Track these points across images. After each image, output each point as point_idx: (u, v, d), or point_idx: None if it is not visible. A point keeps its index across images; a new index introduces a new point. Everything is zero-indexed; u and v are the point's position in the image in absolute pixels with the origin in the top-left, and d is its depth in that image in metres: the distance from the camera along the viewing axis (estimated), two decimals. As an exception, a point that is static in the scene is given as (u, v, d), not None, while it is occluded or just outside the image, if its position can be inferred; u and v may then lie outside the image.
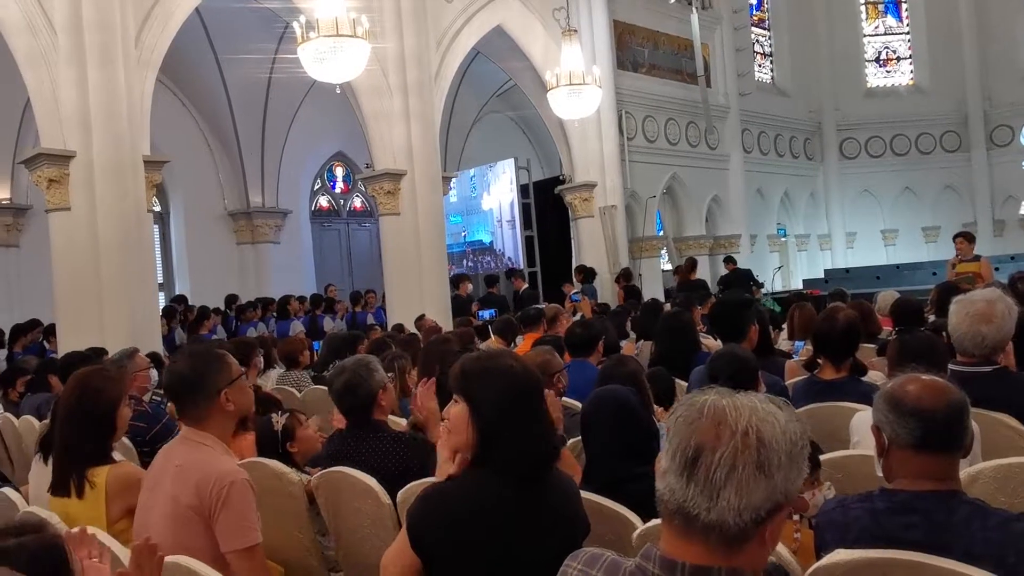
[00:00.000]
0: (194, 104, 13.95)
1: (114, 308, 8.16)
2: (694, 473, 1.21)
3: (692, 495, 1.21)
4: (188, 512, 2.37)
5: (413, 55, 11.00)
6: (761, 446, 1.20)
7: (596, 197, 13.74)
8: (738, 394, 1.27)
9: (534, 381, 2.07)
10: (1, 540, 1.43)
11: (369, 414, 3.26)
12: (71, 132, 8.13)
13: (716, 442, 1.20)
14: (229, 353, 2.69)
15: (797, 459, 1.23)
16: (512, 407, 1.99)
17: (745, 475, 1.19)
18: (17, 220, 12.03)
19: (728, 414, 1.22)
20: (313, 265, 15.54)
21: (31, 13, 7.99)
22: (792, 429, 1.24)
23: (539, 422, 2.02)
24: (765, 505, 1.21)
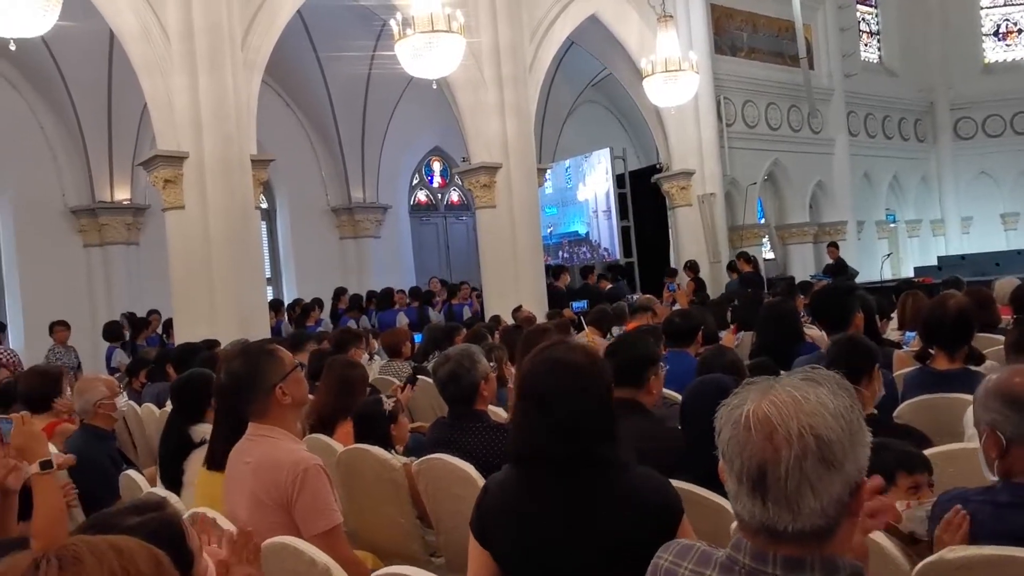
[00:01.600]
0: (297, 103, 14.40)
1: (225, 301, 8.53)
2: (766, 491, 1.16)
3: (772, 512, 1.17)
4: (269, 504, 2.46)
5: (508, 48, 11.05)
6: (820, 444, 1.15)
7: (694, 185, 13.50)
8: (772, 387, 1.20)
9: (568, 377, 2.02)
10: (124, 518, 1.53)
11: (471, 404, 3.31)
12: (184, 134, 8.53)
13: (776, 455, 1.15)
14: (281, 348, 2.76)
15: (858, 432, 1.18)
16: (522, 399, 2.02)
17: (816, 477, 1.15)
18: (137, 219, 12.72)
19: (776, 422, 1.16)
20: (412, 259, 15.83)
21: (147, 22, 8.42)
22: (842, 406, 1.18)
23: (567, 415, 1.96)
24: (845, 491, 1.17)
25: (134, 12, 8.37)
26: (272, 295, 13.21)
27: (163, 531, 1.47)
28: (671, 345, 4.71)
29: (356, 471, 3.36)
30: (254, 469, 2.51)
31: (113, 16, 8.41)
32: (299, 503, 2.45)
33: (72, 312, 10.45)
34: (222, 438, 2.82)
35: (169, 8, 8.47)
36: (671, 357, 4.44)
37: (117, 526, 1.47)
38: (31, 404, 4.69)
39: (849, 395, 1.21)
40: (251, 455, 2.55)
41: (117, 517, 1.53)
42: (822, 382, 1.21)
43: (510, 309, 9.70)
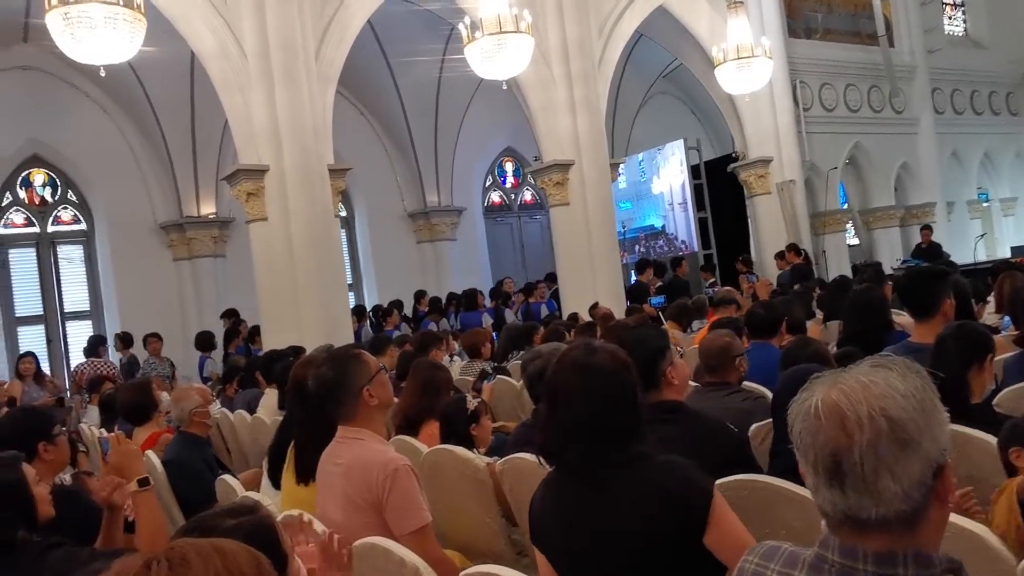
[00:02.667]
0: (370, 111, 14.66)
1: (310, 308, 8.75)
2: (843, 479, 1.15)
3: (853, 501, 1.15)
4: (362, 504, 2.52)
5: (576, 44, 11.01)
6: (893, 424, 1.13)
7: (772, 173, 13.20)
8: (840, 377, 1.19)
9: (586, 378, 2.03)
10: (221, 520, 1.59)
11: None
12: (264, 148, 8.79)
13: (849, 441, 1.14)
14: (365, 352, 2.83)
15: (932, 411, 1.16)
16: (551, 399, 2.07)
17: (893, 459, 1.12)
18: (223, 232, 13.16)
19: (845, 408, 1.14)
20: (488, 259, 15.93)
21: (224, 41, 8.70)
22: (912, 386, 1.16)
23: (578, 417, 1.99)
24: (927, 472, 1.14)
25: (212, 32, 8.66)
26: (354, 301, 13.48)
27: (258, 533, 1.52)
28: (754, 337, 4.62)
29: (441, 471, 3.40)
30: (346, 470, 2.58)
31: (193, 38, 8.72)
32: (390, 503, 2.50)
33: (165, 324, 10.89)
34: (313, 447, 2.89)
35: (245, 26, 8.74)
36: (754, 349, 4.36)
37: (215, 528, 1.53)
38: (130, 417, 4.92)
39: (920, 376, 1.18)
40: (342, 457, 2.62)
41: (215, 520, 1.59)
42: (891, 366, 1.19)
43: (587, 306, 9.66)
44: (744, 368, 3.57)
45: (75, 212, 12.87)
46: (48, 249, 12.57)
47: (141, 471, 2.73)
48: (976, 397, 2.70)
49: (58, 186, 12.72)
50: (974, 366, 2.69)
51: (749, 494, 2.34)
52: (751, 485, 2.34)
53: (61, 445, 3.29)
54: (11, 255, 12.28)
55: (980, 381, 2.71)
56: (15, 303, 12.18)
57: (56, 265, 12.63)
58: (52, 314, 12.42)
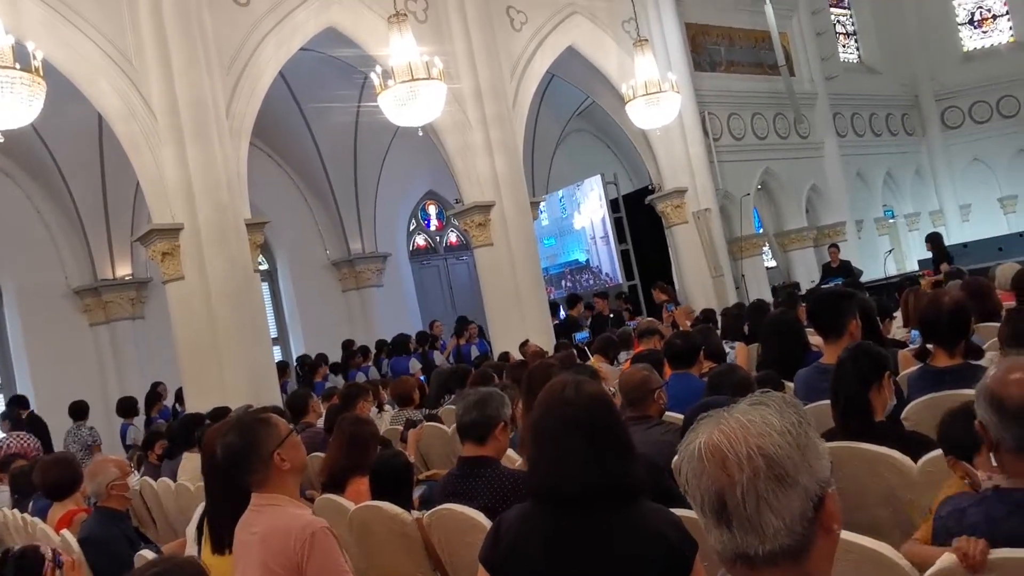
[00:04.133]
0: (287, 162, 14.55)
1: (233, 367, 8.56)
2: (729, 518, 1.18)
3: (740, 539, 1.17)
4: (281, 572, 2.45)
5: (489, 88, 11.17)
6: (770, 462, 1.16)
7: (688, 202, 13.55)
8: (722, 417, 1.22)
9: (577, 412, 2.05)
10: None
11: (485, 439, 3.20)
12: (177, 206, 8.62)
13: (731, 481, 1.17)
14: (274, 415, 2.77)
15: (807, 446, 1.19)
16: (542, 435, 2.08)
17: (772, 495, 1.15)
18: (140, 293, 12.79)
19: (726, 449, 1.18)
20: (417, 303, 15.86)
21: (131, 101, 8.55)
22: (788, 423, 1.19)
23: (573, 451, 2.00)
24: (808, 505, 1.17)
25: (118, 93, 8.51)
26: (281, 354, 13.22)
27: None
28: (675, 367, 4.71)
29: (369, 528, 3.35)
30: (262, 538, 2.51)
31: (98, 99, 8.55)
32: (310, 567, 2.44)
33: (84, 391, 10.47)
34: (226, 516, 2.80)
35: (152, 85, 8.61)
36: (675, 380, 4.44)
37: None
38: (50, 494, 4.71)
39: (796, 411, 1.22)
40: (257, 525, 2.55)
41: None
42: (768, 403, 1.22)
43: (517, 344, 9.70)
44: (664, 400, 3.63)
45: (-19, 282, 12.36)
46: (-47, 322, 12.03)
47: None
48: (879, 415, 2.79)
49: (-38, 256, 12.22)
50: (873, 385, 2.79)
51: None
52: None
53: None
54: (-87, 330, 11.71)
55: (881, 399, 2.81)
56: (-81, 380, 11.59)
57: (-38, 338, 12.07)
58: (-39, 389, 11.85)
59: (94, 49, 8.42)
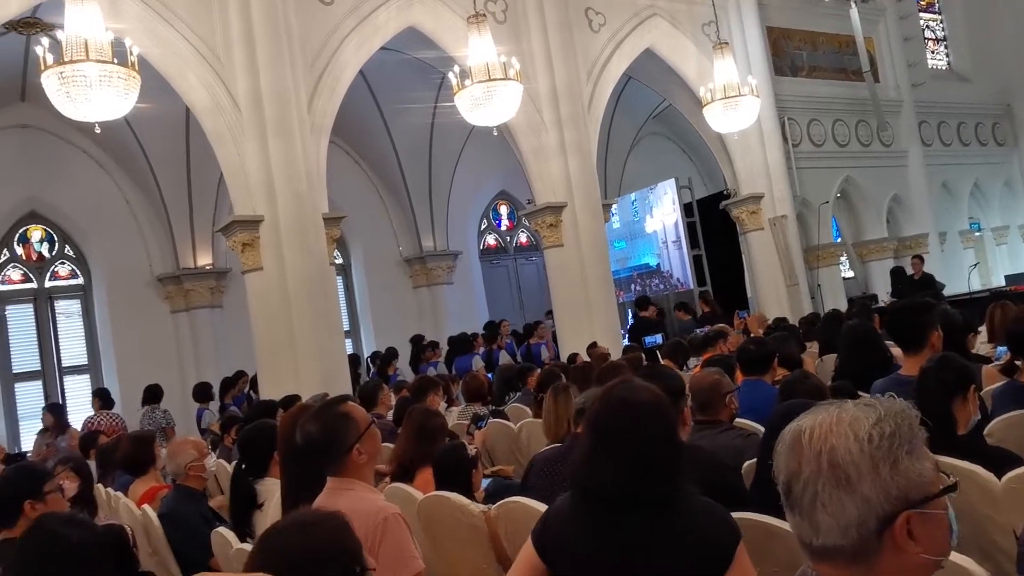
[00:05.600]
0: (364, 159, 14.81)
1: (307, 357, 8.76)
2: (792, 503, 1.22)
3: (799, 524, 1.22)
4: None
5: (565, 89, 11.18)
6: (833, 465, 1.17)
7: (764, 209, 13.31)
8: (826, 409, 1.24)
9: (627, 415, 2.09)
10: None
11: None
12: (259, 199, 8.87)
13: (798, 470, 1.21)
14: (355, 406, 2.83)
15: (882, 461, 1.17)
16: (591, 434, 2.14)
17: (827, 496, 1.17)
18: (219, 283, 13.19)
19: (804, 439, 1.21)
20: (485, 302, 15.96)
21: (218, 95, 8.83)
22: (877, 432, 1.18)
23: (616, 455, 2.04)
24: (869, 517, 1.16)
25: (205, 87, 8.80)
26: (352, 348, 13.47)
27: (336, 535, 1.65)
28: (746, 373, 4.64)
29: (437, 518, 3.40)
30: None
31: (187, 93, 8.85)
32: (381, 552, 2.49)
33: (163, 375, 10.86)
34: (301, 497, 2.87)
35: (238, 80, 8.88)
36: (747, 386, 4.38)
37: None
38: (130, 469, 4.94)
39: (895, 424, 1.20)
40: (333, 508, 2.62)
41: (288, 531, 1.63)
42: (877, 407, 1.22)
43: (585, 346, 9.68)
44: (735, 406, 3.59)
45: (72, 267, 12.92)
46: (45, 304, 12.60)
47: None
48: (961, 428, 2.71)
49: (55, 242, 12.79)
50: (957, 398, 2.71)
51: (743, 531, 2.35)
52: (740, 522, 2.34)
53: (52, 502, 3.29)
54: (8, 311, 12.30)
55: (964, 413, 2.72)
56: (12, 360, 12.17)
57: (54, 320, 12.64)
58: (50, 369, 12.40)
59: (185, 45, 8.72)
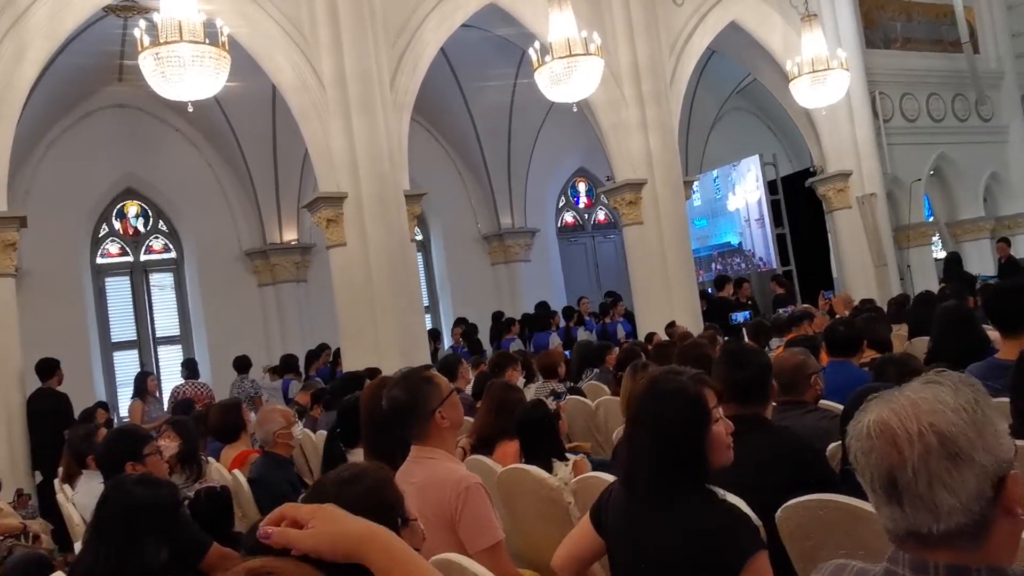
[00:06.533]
0: (444, 136, 14.92)
1: (387, 331, 8.94)
2: (900, 496, 1.17)
3: (913, 517, 1.16)
4: (436, 522, 2.56)
5: (647, 64, 11.02)
6: (943, 439, 1.14)
7: (852, 186, 12.90)
8: (892, 395, 1.21)
9: (659, 405, 2.12)
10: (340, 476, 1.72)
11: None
12: (342, 175, 9.05)
13: (901, 458, 1.16)
14: (438, 374, 2.93)
15: (984, 424, 1.16)
16: (629, 420, 2.22)
17: (946, 473, 1.13)
18: (304, 258, 13.55)
19: (895, 426, 1.17)
20: (563, 280, 15.96)
21: (303, 74, 9.02)
22: (964, 400, 1.16)
23: (643, 444, 2.10)
24: (985, 484, 1.14)
25: (292, 66, 8.99)
26: (430, 323, 13.66)
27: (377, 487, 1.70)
28: (833, 355, 4.53)
29: (516, 491, 3.45)
30: (419, 488, 2.64)
31: (274, 72, 9.06)
32: (463, 520, 2.55)
33: (250, 347, 11.24)
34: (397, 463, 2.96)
35: (323, 59, 9.04)
36: (832, 368, 4.28)
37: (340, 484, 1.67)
38: (220, 436, 5.15)
39: (974, 390, 1.19)
40: (415, 475, 2.68)
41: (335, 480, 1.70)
42: (942, 382, 1.20)
43: (663, 325, 9.60)
44: (820, 387, 3.51)
45: (165, 241, 13.44)
46: (141, 277, 13.16)
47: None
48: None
49: (150, 217, 13.32)
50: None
51: (825, 514, 2.32)
52: (826, 505, 2.31)
53: (152, 464, 3.46)
54: (107, 283, 12.90)
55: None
56: (111, 329, 12.78)
57: (148, 292, 13.19)
58: (145, 339, 12.97)
59: (273, 25, 8.92)
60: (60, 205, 11.61)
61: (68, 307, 11.78)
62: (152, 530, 2.46)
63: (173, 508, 2.64)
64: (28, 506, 6.27)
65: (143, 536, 2.45)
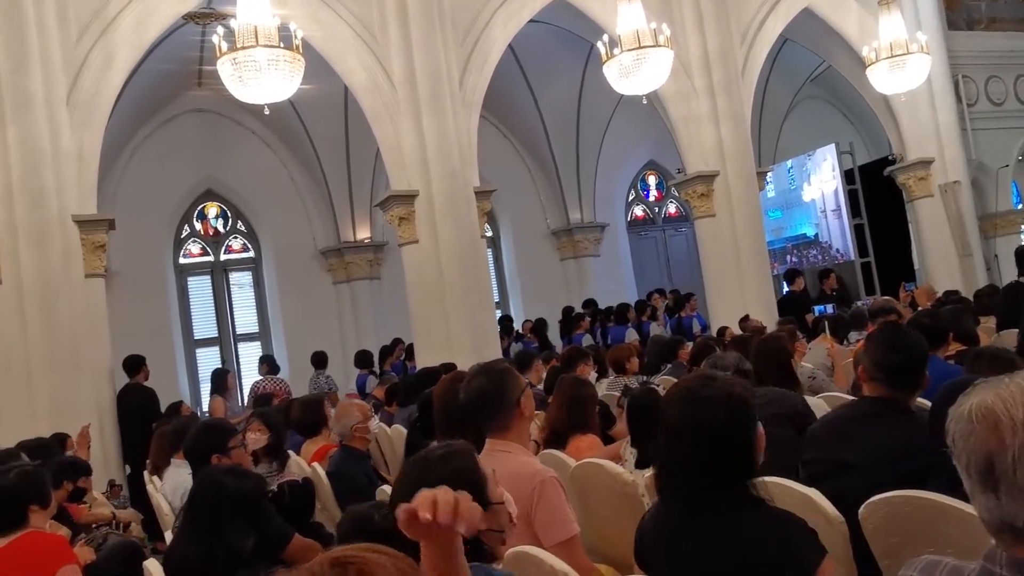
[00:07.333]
0: (512, 132, 14.96)
1: (459, 326, 9.03)
2: (997, 484, 1.12)
3: (1008, 507, 1.12)
4: None
5: (717, 54, 10.85)
6: None
7: (934, 174, 12.45)
8: (1000, 382, 1.16)
9: (700, 411, 2.00)
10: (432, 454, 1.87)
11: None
12: (413, 174, 9.17)
13: (1001, 444, 1.11)
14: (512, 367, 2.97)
15: None
16: (666, 429, 2.06)
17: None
18: (377, 255, 13.77)
19: (999, 412, 1.12)
20: (632, 274, 15.85)
21: (375, 74, 9.17)
22: None
23: (685, 453, 1.98)
24: None
25: (364, 67, 9.15)
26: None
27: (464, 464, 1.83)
28: (917, 348, 4.38)
29: (590, 486, 3.45)
30: None
31: (346, 73, 9.23)
32: (538, 514, 2.56)
33: (326, 343, 11.49)
34: None
35: (394, 60, 9.17)
36: (916, 361, 4.14)
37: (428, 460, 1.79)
38: (302, 430, 5.29)
39: None
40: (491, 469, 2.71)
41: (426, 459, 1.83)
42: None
43: (736, 319, 9.44)
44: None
45: (244, 241, 13.83)
46: (221, 276, 13.58)
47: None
48: None
49: (229, 217, 13.73)
50: None
51: (911, 511, 2.26)
52: (912, 501, 2.25)
53: (237, 457, 3.58)
54: (189, 282, 13.35)
55: None
56: (193, 327, 13.22)
57: (228, 291, 13.61)
58: (226, 336, 13.39)
59: (344, 28, 9.09)
60: (144, 207, 12.06)
61: (153, 306, 12.24)
62: (239, 518, 2.56)
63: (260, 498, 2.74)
64: (120, 496, 6.55)
65: (231, 524, 2.55)
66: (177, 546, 2.65)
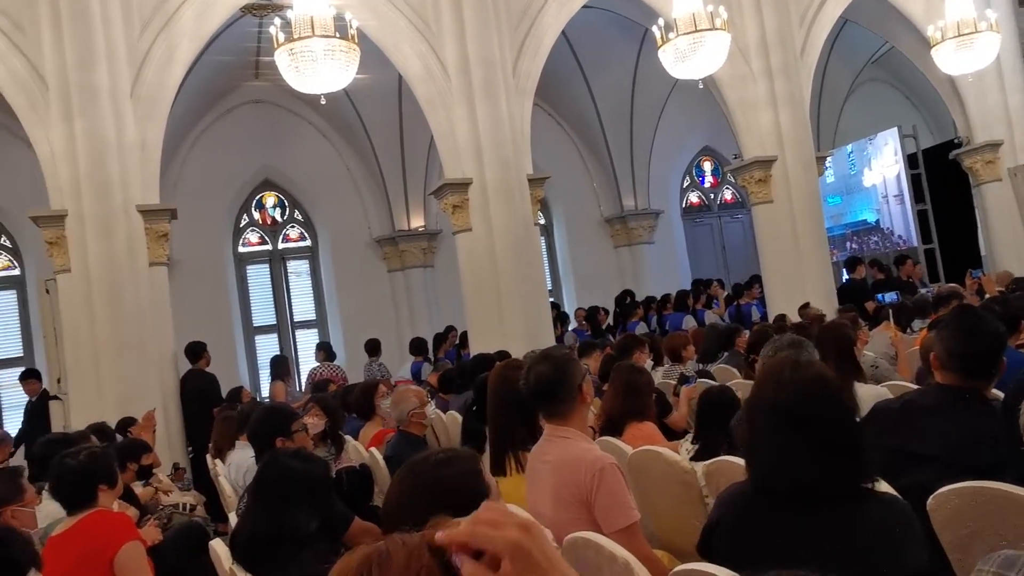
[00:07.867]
0: (566, 119, 14.89)
1: (512, 314, 9.04)
2: None
3: None
4: (570, 500, 2.60)
5: (775, 36, 10.63)
6: None
7: (1003, 157, 12.03)
8: None
9: (790, 397, 1.88)
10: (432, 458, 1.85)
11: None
12: (467, 162, 9.19)
13: None
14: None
15: None
16: (754, 420, 1.98)
17: None
18: (431, 243, 13.87)
19: None
20: (687, 261, 15.68)
21: (429, 63, 9.20)
22: None
23: (782, 443, 1.84)
24: None
25: (418, 56, 9.18)
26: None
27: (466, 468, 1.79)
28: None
29: (647, 473, 3.43)
30: (555, 467, 2.68)
31: (401, 62, 9.28)
32: (598, 500, 2.56)
33: (381, 330, 11.62)
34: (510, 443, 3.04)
35: (447, 48, 9.19)
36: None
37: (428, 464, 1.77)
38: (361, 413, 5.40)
39: None
40: (550, 454, 2.72)
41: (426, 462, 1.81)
42: None
43: (795, 307, 9.29)
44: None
45: (301, 230, 14.05)
46: (279, 264, 13.82)
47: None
48: None
49: (286, 207, 13.95)
50: None
51: (982, 502, 2.20)
52: (983, 492, 2.19)
53: (299, 440, 3.65)
54: (248, 271, 13.62)
55: None
56: (252, 314, 13.49)
57: (286, 279, 13.85)
58: (284, 323, 13.64)
59: (398, 16, 9.13)
60: (205, 197, 12.32)
61: (213, 294, 12.53)
62: (304, 500, 2.62)
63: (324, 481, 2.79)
64: (183, 479, 6.73)
65: (296, 505, 2.60)
66: (245, 524, 2.72)
